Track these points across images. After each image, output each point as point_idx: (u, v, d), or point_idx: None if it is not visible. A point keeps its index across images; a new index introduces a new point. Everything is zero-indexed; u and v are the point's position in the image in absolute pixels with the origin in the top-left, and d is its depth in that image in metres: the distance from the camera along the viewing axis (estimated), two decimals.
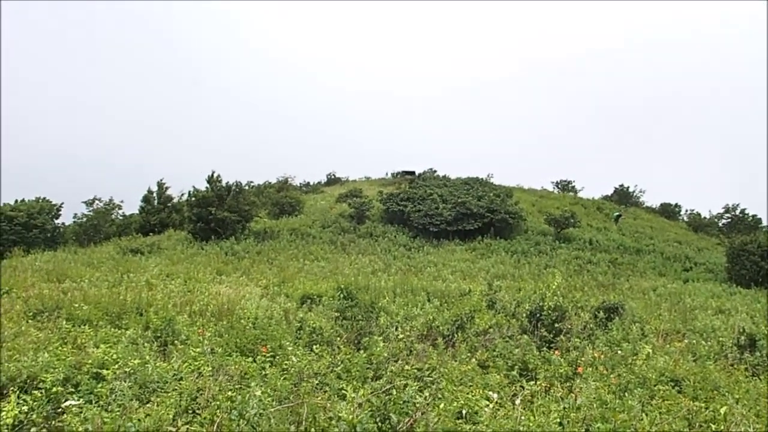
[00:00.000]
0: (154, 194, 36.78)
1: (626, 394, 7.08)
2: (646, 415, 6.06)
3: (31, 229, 31.27)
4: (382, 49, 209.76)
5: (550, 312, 11.30)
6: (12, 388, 5.87)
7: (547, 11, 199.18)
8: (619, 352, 9.60)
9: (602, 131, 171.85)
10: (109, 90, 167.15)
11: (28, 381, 6.33)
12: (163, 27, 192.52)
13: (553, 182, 57.72)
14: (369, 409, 4.98)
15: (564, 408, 5.88)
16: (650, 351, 9.36)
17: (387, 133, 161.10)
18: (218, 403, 5.02)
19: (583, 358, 9.15)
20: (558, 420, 5.44)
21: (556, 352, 9.51)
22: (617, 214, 44.09)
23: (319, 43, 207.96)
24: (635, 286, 22.86)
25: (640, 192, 55.86)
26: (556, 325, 11.11)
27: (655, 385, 7.59)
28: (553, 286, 12.40)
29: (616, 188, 56.42)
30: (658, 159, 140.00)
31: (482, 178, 45.51)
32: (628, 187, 55.77)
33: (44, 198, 34.61)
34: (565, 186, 56.58)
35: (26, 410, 5.17)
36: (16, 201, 33.25)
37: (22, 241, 29.57)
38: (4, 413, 4.70)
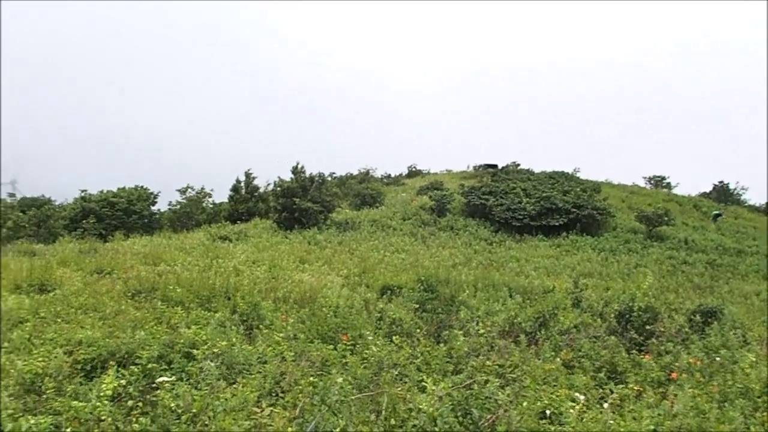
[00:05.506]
0: (242, 184, 38.20)
1: (727, 404, 6.61)
2: (750, 428, 5.64)
3: (130, 215, 33.33)
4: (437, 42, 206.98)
5: (640, 313, 10.75)
6: (111, 363, 6.24)
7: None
8: (718, 359, 8.97)
9: (700, 126, 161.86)
10: (206, 92, 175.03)
11: (126, 356, 6.70)
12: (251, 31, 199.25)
13: (645, 178, 55.01)
14: (450, 402, 4.91)
15: (658, 415, 5.55)
16: (753, 359, 8.70)
17: (467, 126, 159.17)
18: (301, 387, 5.11)
19: (677, 364, 8.66)
20: (652, 427, 5.14)
21: (647, 355, 9.05)
22: (716, 212, 41.35)
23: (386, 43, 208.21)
24: (736, 289, 21.35)
25: (742, 189, 52.22)
26: (647, 327, 10.55)
27: (759, 397, 7.03)
28: (644, 286, 11.82)
29: (715, 185, 53.02)
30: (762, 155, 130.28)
31: (568, 173, 44.02)
32: (728, 184, 52.31)
33: (143, 186, 36.76)
34: (658, 182, 53.74)
35: (124, 384, 5.48)
36: (118, 188, 35.50)
37: (122, 225, 31.52)
38: (104, 385, 5.00)
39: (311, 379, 5.38)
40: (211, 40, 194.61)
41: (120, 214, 32.83)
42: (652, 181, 54.03)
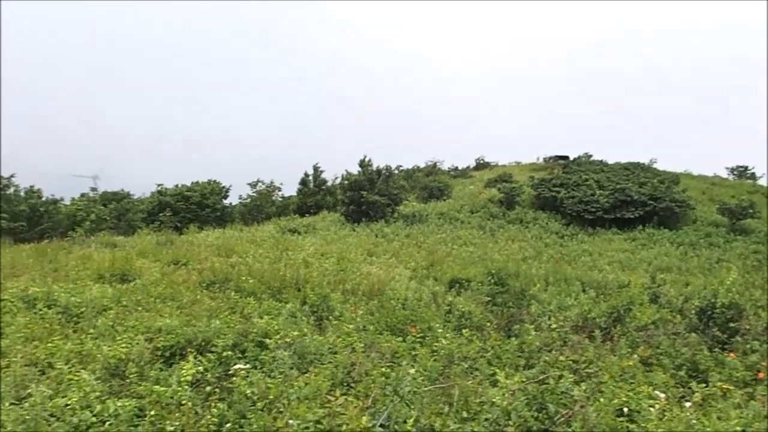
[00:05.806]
0: (310, 177, 38.88)
1: None
2: None
3: (204, 208, 34.62)
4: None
5: (724, 310, 10.14)
6: (190, 350, 6.46)
7: None
8: None
9: None
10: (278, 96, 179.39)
11: (203, 344, 6.91)
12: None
13: (727, 168, 51.86)
14: (523, 397, 4.79)
15: (747, 415, 5.21)
16: None
17: (537, 118, 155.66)
18: (372, 378, 5.11)
19: (764, 363, 8.13)
20: (739, 428, 4.83)
21: (732, 354, 8.54)
22: None
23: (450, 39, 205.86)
24: None
25: None
26: (731, 324, 9.93)
27: None
28: (728, 282, 11.16)
29: None
30: None
31: (644, 164, 42.20)
32: None
33: (215, 180, 38.08)
34: (742, 172, 50.66)
35: (202, 370, 5.65)
36: (192, 183, 36.90)
37: (196, 218, 32.78)
38: (184, 371, 5.17)
39: (383, 369, 5.37)
40: (283, 38, 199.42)
41: (194, 208, 34.17)
42: (735, 172, 50.97)
